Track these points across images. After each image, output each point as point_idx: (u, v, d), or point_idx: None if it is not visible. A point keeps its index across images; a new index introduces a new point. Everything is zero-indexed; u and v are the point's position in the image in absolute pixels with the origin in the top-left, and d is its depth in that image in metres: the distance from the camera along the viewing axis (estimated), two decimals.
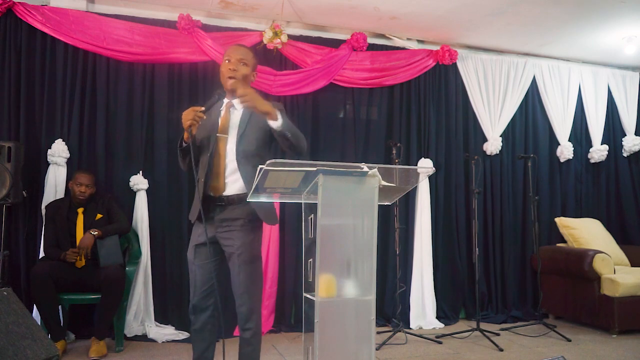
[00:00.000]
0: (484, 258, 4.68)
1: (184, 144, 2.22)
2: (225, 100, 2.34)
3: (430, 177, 4.55)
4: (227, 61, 2.31)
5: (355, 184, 1.78)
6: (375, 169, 1.80)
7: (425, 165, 4.42)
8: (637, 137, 5.27)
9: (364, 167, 1.80)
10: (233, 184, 2.23)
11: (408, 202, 4.50)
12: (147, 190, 3.88)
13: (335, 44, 4.43)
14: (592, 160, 5.18)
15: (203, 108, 2.15)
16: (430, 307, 4.38)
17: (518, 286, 4.80)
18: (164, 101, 4.00)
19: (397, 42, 4.67)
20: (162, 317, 3.86)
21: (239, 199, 2.22)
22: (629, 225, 5.17)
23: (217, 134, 2.25)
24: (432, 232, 4.49)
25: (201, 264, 2.27)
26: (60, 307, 3.41)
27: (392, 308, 4.26)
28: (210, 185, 2.24)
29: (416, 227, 4.46)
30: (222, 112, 2.32)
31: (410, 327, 4.26)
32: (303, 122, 4.33)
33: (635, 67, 5.35)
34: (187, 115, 2.12)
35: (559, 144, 5.04)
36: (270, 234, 4.04)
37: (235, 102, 2.29)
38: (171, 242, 3.94)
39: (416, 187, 4.44)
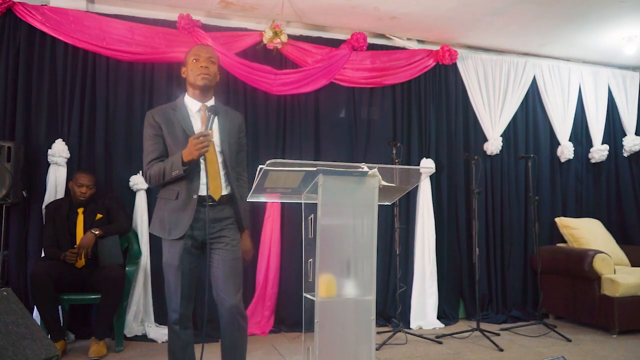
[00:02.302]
0: (484, 258, 4.68)
1: (184, 169, 2.13)
2: (196, 103, 2.31)
3: (430, 177, 4.55)
4: (194, 60, 2.29)
5: (355, 184, 1.78)
6: (375, 169, 1.80)
7: (427, 166, 4.43)
8: (638, 137, 5.27)
9: (364, 167, 1.80)
10: (223, 184, 2.27)
11: (409, 202, 4.50)
12: (147, 190, 3.88)
13: (335, 43, 4.44)
14: (592, 160, 5.18)
15: (211, 132, 2.14)
16: (431, 307, 4.37)
17: (518, 286, 4.80)
18: (164, 101, 3.97)
19: (397, 42, 4.67)
20: (162, 317, 3.85)
21: (227, 199, 2.28)
22: (629, 225, 5.17)
23: None
24: (441, 233, 4.50)
25: (188, 269, 2.23)
26: (60, 307, 3.41)
27: (393, 308, 4.26)
28: (212, 188, 2.20)
29: (417, 227, 4.46)
30: (199, 115, 2.30)
31: (410, 327, 4.27)
32: (304, 122, 4.33)
33: (635, 67, 5.35)
34: (200, 143, 2.07)
35: (560, 144, 5.04)
36: (271, 234, 4.05)
37: (209, 103, 2.32)
38: None
39: (417, 187, 4.45)
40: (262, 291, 4.02)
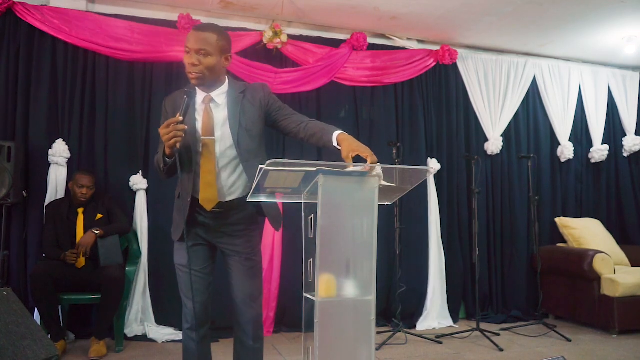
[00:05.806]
0: (484, 258, 4.67)
1: (168, 161, 1.91)
2: (202, 94, 2.00)
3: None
4: (185, 52, 1.94)
5: (356, 184, 1.78)
6: (378, 167, 1.80)
7: (432, 166, 4.45)
8: (638, 137, 5.27)
9: (365, 166, 1.80)
10: (232, 188, 2.00)
11: (412, 202, 4.49)
12: (147, 190, 3.88)
13: (335, 43, 4.44)
14: (592, 160, 5.18)
15: (181, 118, 1.82)
16: (438, 307, 4.38)
17: (518, 286, 4.79)
18: (162, 100, 3.99)
19: (397, 42, 4.67)
20: (162, 317, 3.85)
21: (240, 203, 2.01)
22: (629, 225, 5.17)
23: (203, 138, 1.95)
24: (441, 233, 4.51)
25: (199, 269, 2.05)
26: (60, 307, 3.41)
27: (393, 308, 4.25)
28: (202, 197, 1.97)
29: (431, 226, 4.46)
30: (201, 110, 1.98)
31: (426, 327, 4.26)
32: None
33: (635, 67, 5.35)
34: (169, 133, 1.80)
35: (560, 144, 5.04)
36: (273, 234, 4.04)
37: (214, 95, 2.00)
38: (171, 242, 3.91)
39: (426, 188, 4.46)
40: (266, 292, 4.01)
